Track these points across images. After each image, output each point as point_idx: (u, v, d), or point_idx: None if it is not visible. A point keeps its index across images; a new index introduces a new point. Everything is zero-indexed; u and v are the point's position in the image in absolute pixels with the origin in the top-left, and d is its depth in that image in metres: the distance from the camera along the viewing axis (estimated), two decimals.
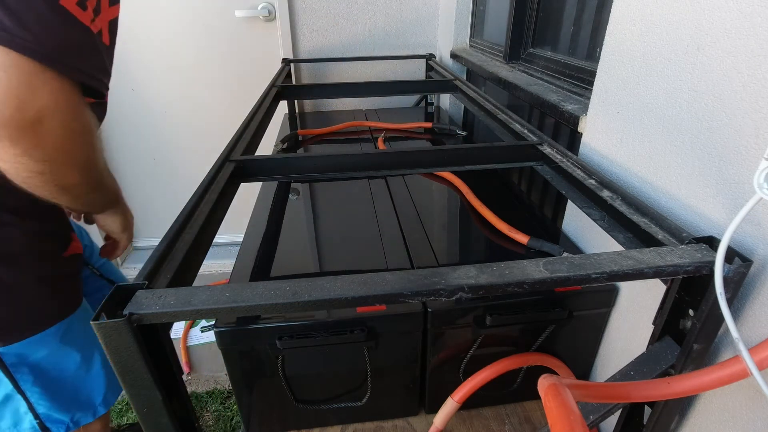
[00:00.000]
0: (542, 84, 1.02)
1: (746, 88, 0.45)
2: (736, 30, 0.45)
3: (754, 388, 0.46)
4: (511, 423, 0.75)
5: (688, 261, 0.41)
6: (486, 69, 1.26)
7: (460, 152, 0.75)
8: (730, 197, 0.47)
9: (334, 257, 0.78)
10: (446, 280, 0.39)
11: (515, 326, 0.69)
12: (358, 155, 0.74)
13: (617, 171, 0.67)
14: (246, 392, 0.70)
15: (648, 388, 0.44)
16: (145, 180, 2.01)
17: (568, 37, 1.03)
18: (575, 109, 0.81)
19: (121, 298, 0.38)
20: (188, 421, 0.45)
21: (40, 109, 0.45)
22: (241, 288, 0.39)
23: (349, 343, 0.65)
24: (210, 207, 0.56)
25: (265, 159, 0.72)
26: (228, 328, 0.62)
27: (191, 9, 1.72)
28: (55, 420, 0.75)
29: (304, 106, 1.92)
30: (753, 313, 0.46)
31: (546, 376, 0.40)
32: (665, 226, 0.49)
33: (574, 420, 0.34)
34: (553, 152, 0.71)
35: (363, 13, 1.77)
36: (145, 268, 0.42)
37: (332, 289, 0.38)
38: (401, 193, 1.00)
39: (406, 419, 0.77)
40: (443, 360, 0.71)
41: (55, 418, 0.75)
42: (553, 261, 0.41)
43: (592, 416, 0.47)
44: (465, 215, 0.91)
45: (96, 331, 0.36)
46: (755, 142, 0.44)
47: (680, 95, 0.54)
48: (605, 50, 0.68)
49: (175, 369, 0.42)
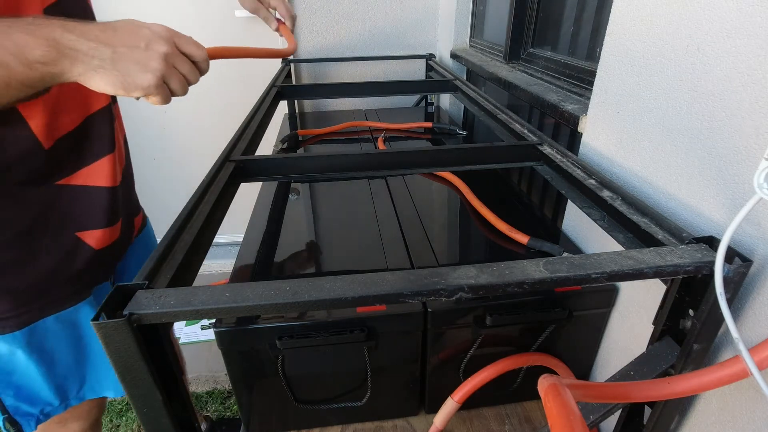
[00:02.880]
0: (542, 84, 1.02)
1: (746, 88, 0.45)
2: (736, 30, 0.45)
3: (754, 388, 0.46)
4: (511, 423, 0.75)
5: (688, 261, 0.41)
6: (486, 69, 1.26)
7: (460, 152, 0.75)
8: (730, 197, 0.47)
9: (334, 257, 0.78)
10: (446, 280, 0.39)
11: (515, 326, 0.69)
12: (358, 155, 0.74)
13: (617, 171, 0.67)
14: (246, 392, 0.70)
15: (648, 388, 0.44)
16: (145, 180, 2.00)
17: (568, 37, 1.03)
18: (575, 109, 0.81)
19: (121, 298, 0.38)
20: (188, 421, 0.45)
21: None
22: (241, 288, 0.39)
23: (349, 343, 0.65)
24: (210, 207, 0.56)
25: (265, 159, 0.72)
26: (228, 328, 0.62)
27: (191, 9, 1.72)
28: (24, 413, 0.73)
29: (304, 106, 1.91)
30: (753, 313, 0.46)
31: (546, 376, 0.40)
32: (665, 226, 0.49)
33: (574, 420, 0.34)
34: (553, 152, 0.71)
35: (363, 13, 1.77)
36: (145, 268, 0.42)
37: (332, 289, 0.38)
38: (401, 193, 1.00)
39: (406, 419, 0.77)
40: (443, 360, 0.71)
41: (23, 411, 0.73)
42: (553, 261, 0.41)
43: (592, 416, 0.47)
44: (465, 215, 0.91)
45: (96, 331, 0.36)
46: (755, 142, 0.44)
47: (680, 95, 0.54)
48: (605, 50, 0.68)
49: (175, 369, 0.42)
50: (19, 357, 0.69)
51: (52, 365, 0.73)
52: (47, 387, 0.74)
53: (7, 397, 0.71)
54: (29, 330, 0.67)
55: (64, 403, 0.77)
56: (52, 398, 0.75)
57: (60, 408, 0.77)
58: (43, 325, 0.68)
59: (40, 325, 0.68)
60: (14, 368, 0.70)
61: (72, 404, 0.78)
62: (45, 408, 0.75)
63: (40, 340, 0.69)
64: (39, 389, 0.73)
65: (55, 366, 0.73)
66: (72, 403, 0.78)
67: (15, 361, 0.69)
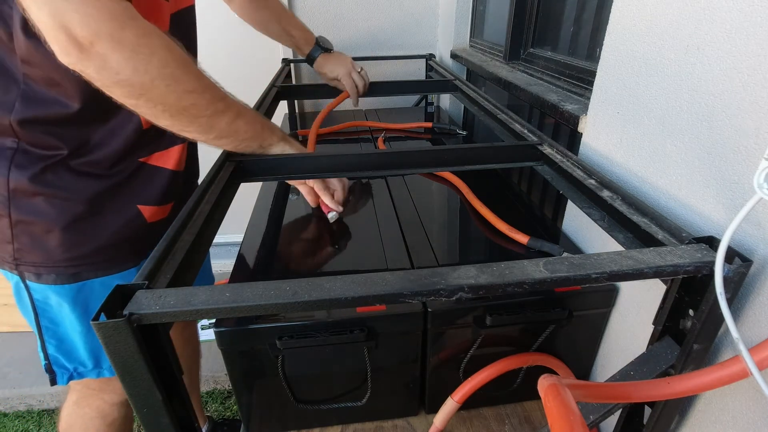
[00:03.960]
0: (542, 84, 1.02)
1: (746, 88, 0.45)
2: (736, 30, 0.45)
3: (754, 388, 0.46)
4: (511, 423, 0.75)
5: (688, 261, 0.41)
6: (486, 69, 1.26)
7: (460, 152, 0.75)
8: (730, 197, 0.47)
9: (334, 257, 0.78)
10: (446, 280, 0.39)
11: (515, 326, 0.69)
12: (358, 155, 0.74)
13: (617, 171, 0.67)
14: (246, 392, 0.70)
15: (648, 388, 0.44)
16: None
17: (568, 37, 1.03)
18: (575, 109, 0.81)
19: (121, 298, 0.38)
20: (188, 421, 0.45)
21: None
22: (241, 288, 0.39)
23: (349, 343, 0.65)
24: (210, 207, 0.56)
25: (265, 159, 0.72)
26: (228, 328, 0.62)
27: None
28: (61, 365, 0.79)
29: (304, 106, 1.91)
30: (753, 313, 0.46)
31: (546, 376, 0.40)
32: (665, 226, 0.49)
33: (574, 420, 0.34)
34: (553, 152, 0.71)
35: (363, 13, 1.76)
36: (145, 268, 0.42)
37: (332, 289, 0.38)
38: (401, 193, 1.00)
39: (406, 419, 0.77)
40: (443, 360, 0.71)
41: (61, 363, 0.78)
42: (553, 261, 0.41)
43: (592, 416, 0.47)
44: (465, 215, 0.91)
45: (96, 331, 0.36)
46: (755, 142, 0.44)
47: (680, 95, 0.54)
48: (605, 50, 0.68)
49: (175, 369, 0.42)
50: (65, 310, 0.73)
51: (91, 328, 0.76)
52: (84, 348, 0.78)
53: (50, 345, 0.77)
54: (78, 287, 0.72)
55: (97, 370, 0.81)
56: (86, 360, 0.79)
57: (92, 372, 0.81)
58: (90, 285, 0.73)
59: (88, 284, 0.73)
60: (61, 320, 0.75)
61: (105, 375, 0.82)
62: (78, 368, 0.80)
63: (85, 299, 0.74)
64: (77, 347, 0.78)
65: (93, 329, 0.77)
66: (105, 373, 0.82)
67: (62, 314, 0.74)
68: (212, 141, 0.65)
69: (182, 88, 0.57)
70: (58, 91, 0.61)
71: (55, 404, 1.64)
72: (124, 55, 0.50)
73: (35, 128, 0.62)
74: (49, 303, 0.73)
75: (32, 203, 0.65)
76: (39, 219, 0.66)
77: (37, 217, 0.66)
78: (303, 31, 1.16)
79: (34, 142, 0.63)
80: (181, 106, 0.57)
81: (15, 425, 1.58)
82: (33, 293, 0.72)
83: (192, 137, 0.63)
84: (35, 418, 1.60)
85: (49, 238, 0.67)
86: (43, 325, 0.75)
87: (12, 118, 0.61)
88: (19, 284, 0.72)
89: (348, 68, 1.19)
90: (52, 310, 0.74)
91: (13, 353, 1.73)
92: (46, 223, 0.66)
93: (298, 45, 1.17)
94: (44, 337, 0.76)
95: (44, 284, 0.70)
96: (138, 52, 0.51)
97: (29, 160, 0.63)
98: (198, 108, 0.59)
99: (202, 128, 0.62)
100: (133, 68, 0.51)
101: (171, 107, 0.57)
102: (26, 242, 0.67)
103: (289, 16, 1.14)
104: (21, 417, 1.61)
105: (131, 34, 0.50)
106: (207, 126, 0.62)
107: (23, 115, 0.61)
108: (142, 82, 0.52)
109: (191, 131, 0.61)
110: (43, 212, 0.66)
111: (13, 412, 1.63)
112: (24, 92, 0.60)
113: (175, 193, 0.80)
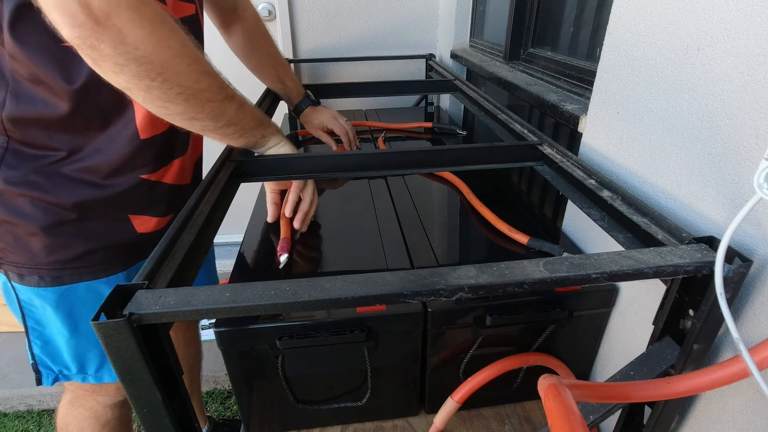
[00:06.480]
0: (542, 84, 1.02)
1: (746, 88, 0.45)
2: (736, 30, 0.45)
3: (754, 388, 0.46)
4: (511, 423, 0.75)
5: (688, 261, 0.41)
6: (486, 69, 1.26)
7: (460, 152, 0.75)
8: (730, 197, 0.47)
9: (334, 257, 0.78)
10: (446, 280, 0.39)
11: (515, 326, 0.69)
12: (358, 155, 0.74)
13: (617, 171, 0.67)
14: (246, 392, 0.70)
15: (648, 388, 0.44)
16: None
17: (568, 37, 1.03)
18: (575, 109, 0.81)
19: (121, 298, 0.38)
20: (188, 421, 0.45)
21: None
22: (241, 288, 0.39)
23: (349, 343, 0.65)
24: (210, 207, 0.56)
25: (265, 159, 0.72)
26: (228, 328, 0.62)
27: None
28: (46, 366, 0.78)
29: None
30: (753, 313, 0.46)
31: (546, 376, 0.40)
32: (665, 226, 0.49)
33: (574, 420, 0.34)
34: (553, 152, 0.71)
35: (363, 13, 1.76)
36: (145, 268, 0.42)
37: (332, 289, 0.38)
38: (401, 193, 1.00)
39: (406, 419, 0.77)
40: (443, 360, 0.71)
41: (46, 364, 0.78)
42: (553, 261, 0.41)
43: (592, 416, 0.47)
44: (465, 215, 0.91)
45: (96, 331, 0.36)
46: (755, 142, 0.44)
47: (680, 95, 0.54)
48: (605, 50, 0.68)
49: (175, 369, 0.42)
50: (49, 313, 0.72)
51: (75, 332, 0.76)
52: (68, 352, 0.77)
53: (36, 346, 0.76)
54: (61, 291, 0.71)
55: (82, 375, 0.80)
56: (70, 364, 0.78)
57: (77, 377, 0.80)
58: (74, 289, 0.71)
59: (72, 288, 0.71)
60: (46, 322, 0.74)
61: (90, 381, 0.81)
62: (63, 370, 0.79)
63: (69, 303, 0.72)
64: (61, 351, 0.77)
65: (77, 334, 0.76)
66: (90, 379, 0.81)
67: (46, 316, 0.73)
68: (220, 129, 0.62)
69: (201, 69, 0.55)
70: (44, 89, 0.59)
71: (55, 404, 1.63)
72: (145, 30, 0.47)
73: (26, 127, 0.61)
74: (34, 305, 0.72)
75: (16, 204, 0.64)
76: (23, 221, 0.65)
77: (21, 218, 0.65)
78: (296, 84, 1.15)
79: (25, 141, 0.62)
80: (197, 88, 0.55)
81: (15, 425, 1.58)
82: (18, 294, 0.71)
83: (201, 126, 0.60)
84: (35, 418, 1.61)
85: (33, 241, 0.66)
86: (30, 325, 0.74)
87: (3, 114, 0.60)
88: (6, 284, 0.71)
89: (334, 115, 1.18)
90: (37, 312, 0.73)
91: (13, 353, 1.74)
92: (30, 225, 0.65)
93: (290, 95, 1.15)
94: (30, 338, 0.75)
95: (27, 286, 0.69)
96: (160, 27, 0.48)
97: (19, 159, 0.62)
98: (212, 92, 0.57)
99: (214, 114, 0.59)
100: (155, 42, 0.48)
101: (187, 90, 0.54)
102: (10, 242, 0.66)
103: (286, 66, 1.12)
104: (21, 417, 1.61)
105: (151, 9, 0.48)
106: (219, 111, 0.60)
107: (13, 112, 0.60)
108: (163, 59, 0.49)
109: (202, 118, 0.58)
110: (27, 214, 0.65)
111: (13, 412, 1.63)
112: (13, 89, 0.59)
113: (175, 205, 0.79)
